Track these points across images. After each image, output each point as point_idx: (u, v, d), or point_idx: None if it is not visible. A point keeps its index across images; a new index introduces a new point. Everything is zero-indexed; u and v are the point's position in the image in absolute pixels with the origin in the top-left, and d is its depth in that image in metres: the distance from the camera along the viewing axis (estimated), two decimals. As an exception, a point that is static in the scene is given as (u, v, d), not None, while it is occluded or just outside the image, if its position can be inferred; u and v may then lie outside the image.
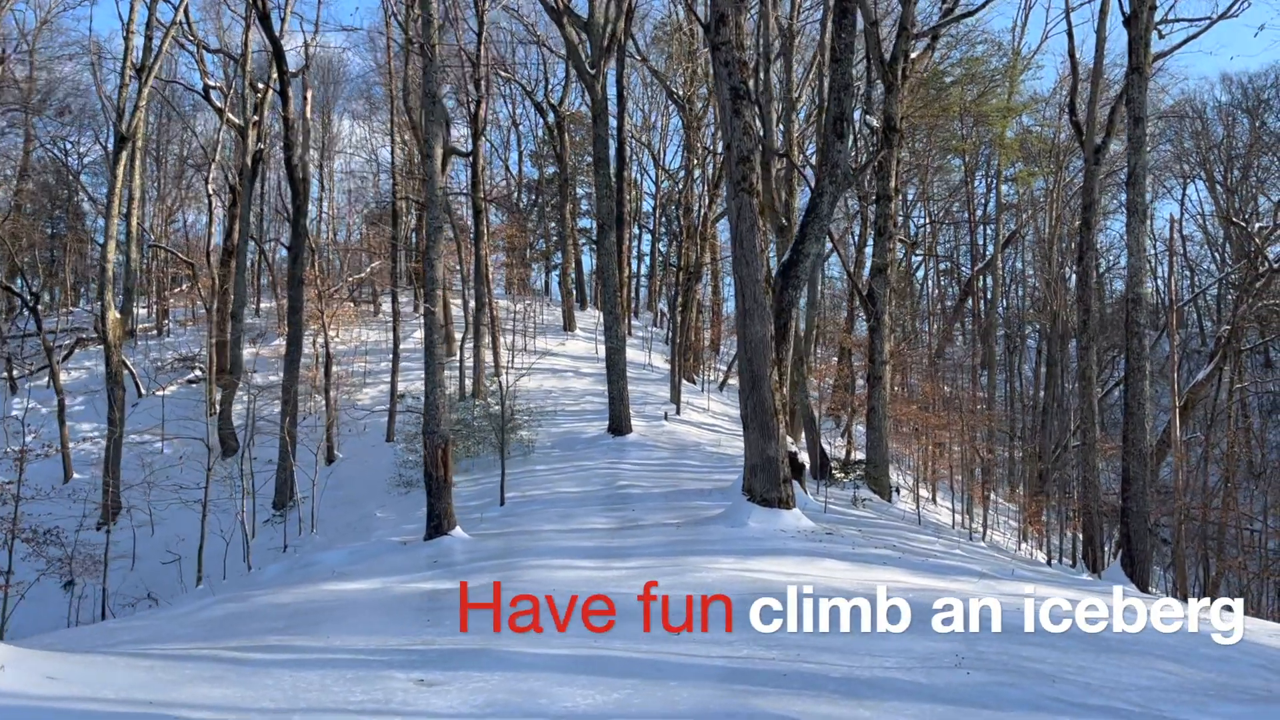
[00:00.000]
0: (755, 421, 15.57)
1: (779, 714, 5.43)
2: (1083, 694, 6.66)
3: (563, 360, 39.54)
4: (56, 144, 49.03)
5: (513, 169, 58.59)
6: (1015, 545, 27.39)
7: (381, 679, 5.94)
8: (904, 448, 33.65)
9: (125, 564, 26.44)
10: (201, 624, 8.78)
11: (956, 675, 6.87)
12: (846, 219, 45.27)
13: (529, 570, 11.19)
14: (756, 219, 15.68)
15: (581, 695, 5.71)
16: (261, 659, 6.46)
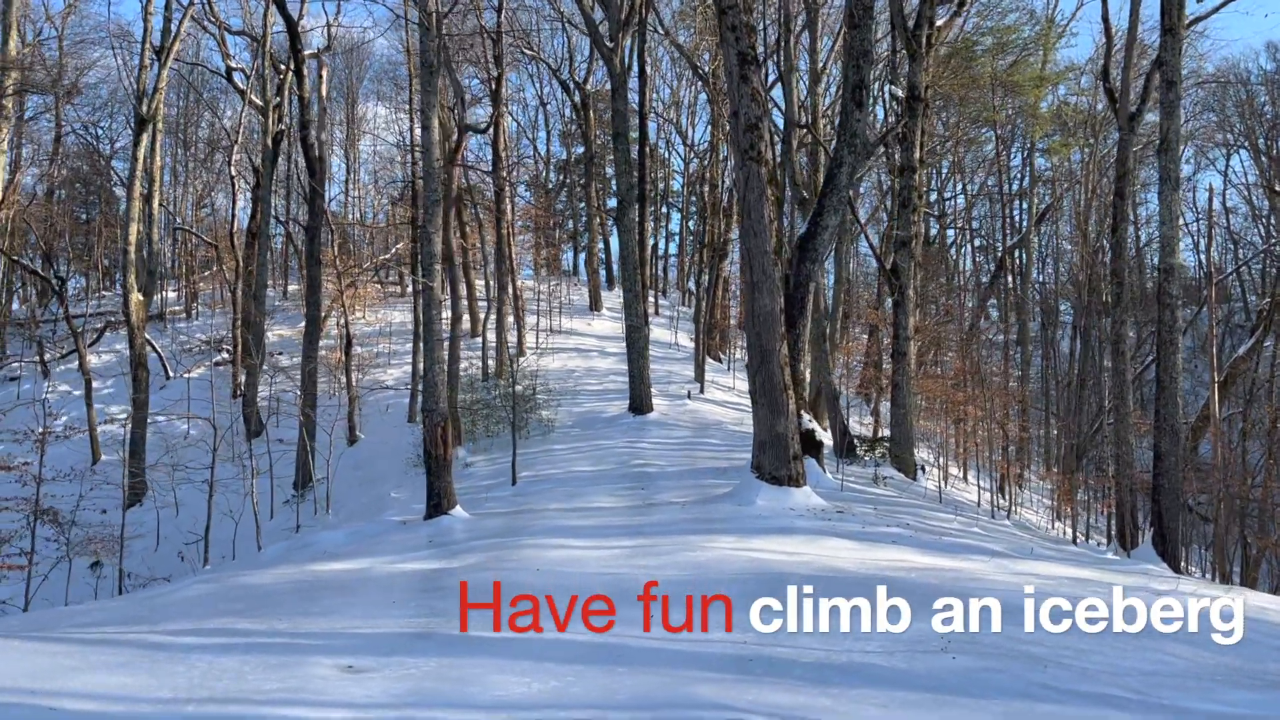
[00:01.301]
0: (764, 397, 15.13)
1: (723, 704, 5.05)
2: (1075, 680, 6.21)
3: (588, 340, 39.27)
4: (88, 129, 49.32)
5: (541, 149, 58.23)
6: (1048, 524, 26.77)
7: (306, 665, 5.64)
8: (935, 425, 33.05)
9: (150, 544, 26.59)
10: (166, 606, 8.56)
11: (940, 660, 6.46)
12: (879, 194, 44.53)
13: (521, 550, 10.89)
14: (765, 188, 15.19)
15: (517, 683, 5.37)
16: (189, 643, 6.19)
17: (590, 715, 4.86)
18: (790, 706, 5.12)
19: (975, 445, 28.75)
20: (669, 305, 48.94)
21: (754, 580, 9.28)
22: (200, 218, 50.99)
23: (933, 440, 32.45)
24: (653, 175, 53.66)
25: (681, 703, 5.07)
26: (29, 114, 44.91)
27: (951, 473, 29.70)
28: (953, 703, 5.46)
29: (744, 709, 4.98)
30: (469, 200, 37.75)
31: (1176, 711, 5.81)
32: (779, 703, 5.17)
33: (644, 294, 29.24)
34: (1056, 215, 44.39)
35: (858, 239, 40.31)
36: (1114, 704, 5.77)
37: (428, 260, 14.53)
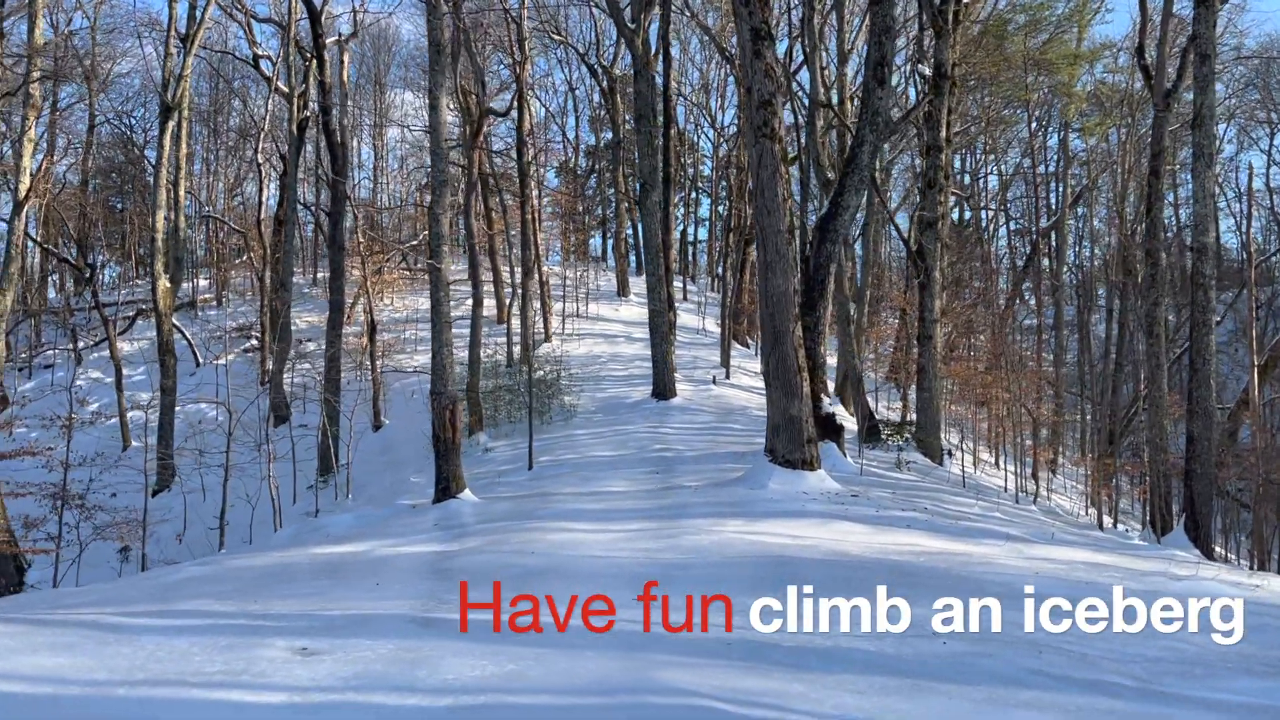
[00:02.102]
0: (778, 380, 14.85)
1: (686, 689, 4.83)
2: (1071, 666, 5.93)
3: (615, 325, 39.08)
4: (120, 119, 49.75)
5: (570, 135, 58.02)
6: (1082, 510, 26.25)
7: (259, 647, 5.49)
8: (966, 410, 32.56)
9: (177, 528, 26.79)
10: (153, 588, 8.49)
11: (931, 646, 6.20)
12: (912, 178, 43.89)
13: (523, 533, 10.73)
14: (779, 166, 14.87)
15: (473, 666, 5.18)
16: (147, 624, 6.07)
17: (538, 700, 4.67)
18: (759, 692, 4.88)
19: (1005, 430, 28.21)
20: (698, 291, 48.62)
21: (754, 564, 9.06)
22: (232, 206, 51.32)
23: (963, 425, 31.96)
24: (682, 160, 53.32)
25: (642, 687, 4.85)
26: (63, 104, 45.43)
27: (982, 458, 29.22)
28: (933, 689, 5.20)
29: (707, 694, 4.75)
30: (495, 186, 37.64)
31: (1175, 700, 5.52)
32: (748, 688, 4.94)
33: (669, 278, 28.96)
34: (1093, 197, 43.53)
35: (890, 222, 39.80)
36: (1108, 691, 5.48)
37: (435, 242, 14.38)
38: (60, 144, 45.50)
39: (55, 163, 46.52)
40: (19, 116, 28.34)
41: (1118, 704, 5.31)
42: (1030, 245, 43.04)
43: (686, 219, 58.59)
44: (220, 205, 51.86)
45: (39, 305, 44.50)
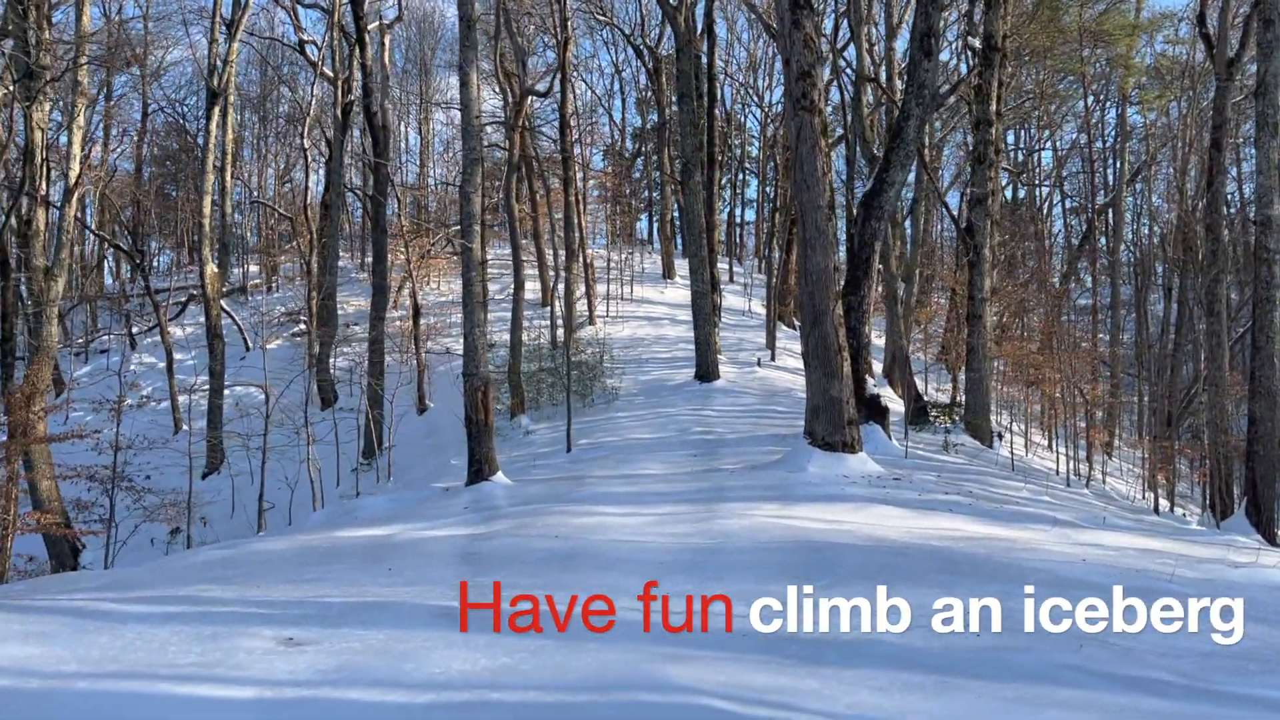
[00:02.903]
0: (817, 360, 14.46)
1: (687, 685, 4.53)
2: (1114, 661, 5.53)
3: (659, 308, 38.80)
4: (173, 107, 50.30)
5: (617, 117, 57.67)
6: (1139, 494, 25.50)
7: (243, 636, 5.29)
8: (1019, 392, 31.80)
9: (226, 511, 27.09)
10: (162, 572, 8.39)
11: (963, 639, 5.84)
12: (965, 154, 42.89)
13: (549, 517, 10.51)
14: (818, 140, 14.42)
15: (463, 659, 4.93)
16: (134, 611, 5.91)
17: (525, 698, 4.40)
18: (766, 689, 4.57)
19: (1058, 412, 27.48)
20: (744, 273, 48.15)
21: (784, 549, 8.75)
22: (282, 193, 51.72)
23: (1015, 407, 31.23)
24: (729, 140, 52.72)
25: (637, 684, 4.56)
26: (117, 92, 46.04)
27: (1034, 440, 28.52)
28: (961, 687, 4.85)
29: (708, 692, 4.44)
30: (539, 168, 37.44)
31: (1228, 699, 5.11)
32: (755, 684, 4.63)
33: (712, 260, 28.60)
34: (1152, 172, 42.26)
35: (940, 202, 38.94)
36: (1153, 689, 5.09)
37: (466, 221, 14.17)
38: (114, 132, 46.17)
39: (110, 151, 47.28)
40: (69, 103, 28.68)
41: (1163, 704, 4.92)
42: (1086, 223, 41.94)
43: (734, 201, 58.05)
44: (271, 192, 52.32)
45: (95, 291, 45.26)
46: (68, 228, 27.15)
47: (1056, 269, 42.23)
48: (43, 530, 20.32)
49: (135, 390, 32.83)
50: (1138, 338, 39.32)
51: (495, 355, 30.84)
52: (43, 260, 24.51)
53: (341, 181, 33.73)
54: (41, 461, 21.96)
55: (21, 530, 18.44)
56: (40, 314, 24.34)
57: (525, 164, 37.20)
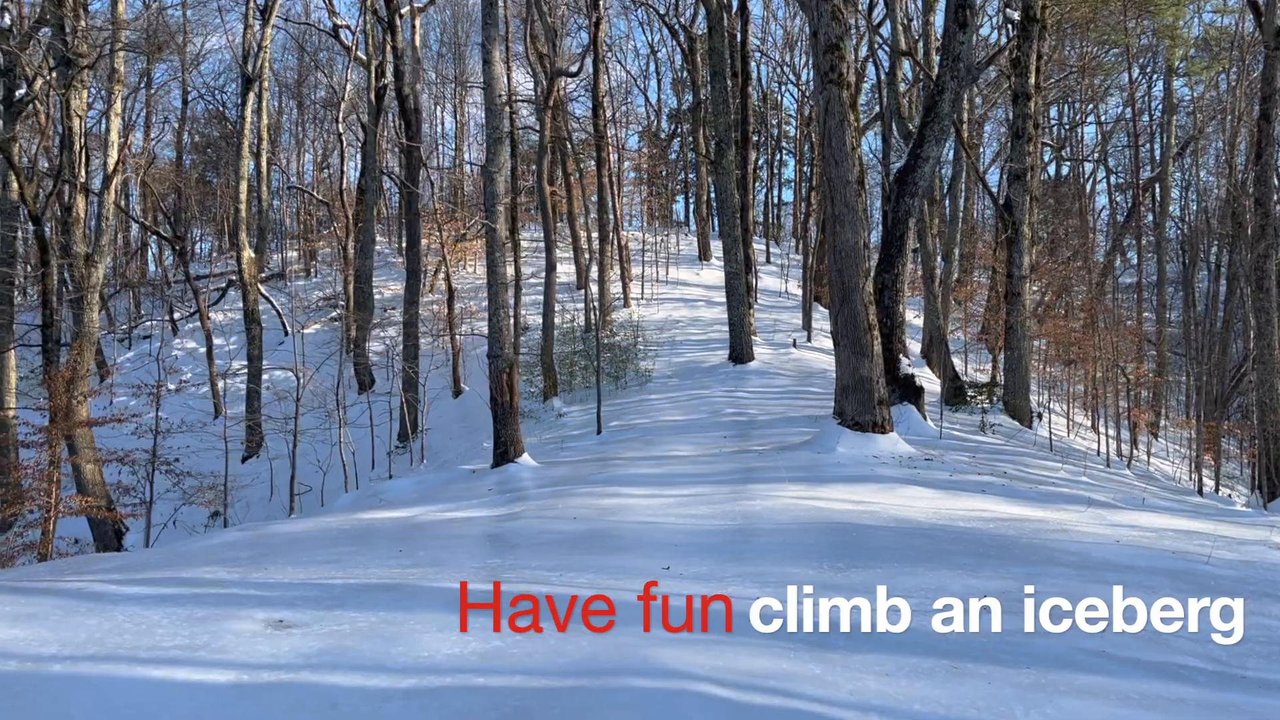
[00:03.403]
0: (846, 339, 14.18)
1: (679, 670, 4.35)
2: (1140, 646, 5.29)
3: (695, 290, 38.57)
4: (214, 94, 50.71)
5: (653, 98, 57.33)
6: (1185, 474, 24.94)
7: (234, 619, 5.19)
8: (1061, 372, 31.22)
9: (265, 494, 27.34)
10: (175, 554, 8.35)
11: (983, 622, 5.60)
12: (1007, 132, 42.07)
13: (572, 498, 10.38)
14: (847, 114, 14.11)
15: (453, 642, 4.79)
16: (129, 593, 5.83)
17: (509, 683, 4.24)
18: (765, 674, 4.38)
19: (1101, 391, 26.92)
20: (781, 254, 47.72)
21: (805, 530, 8.55)
22: (321, 178, 52.02)
23: (1057, 387, 30.68)
24: (765, 120, 52.22)
25: (630, 669, 4.38)
26: (158, 80, 46.51)
27: (1078, 421, 27.99)
28: (973, 672, 4.64)
29: (702, 677, 4.26)
30: (573, 150, 37.28)
31: (1258, 686, 4.85)
32: (754, 669, 4.43)
33: (746, 240, 28.34)
34: (1199, 146, 41.20)
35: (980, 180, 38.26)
36: (1179, 675, 4.84)
37: (490, 201, 14.04)
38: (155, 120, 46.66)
39: (151, 139, 47.80)
40: (106, 90, 28.94)
41: (1190, 690, 4.67)
42: (1131, 199, 40.98)
43: (771, 181, 57.56)
44: (309, 177, 52.63)
45: (138, 278, 45.85)
46: (107, 214, 27.42)
47: (1101, 246, 41.40)
48: (84, 513, 20.61)
49: (174, 375, 33.20)
50: (1185, 315, 38.43)
51: (529, 338, 30.87)
52: (83, 247, 24.75)
53: (376, 166, 33.78)
54: (85, 445, 22.21)
55: (64, 513, 18.70)
56: (82, 300, 24.60)
57: (559, 146, 37.08)
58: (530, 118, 38.83)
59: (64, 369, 21.06)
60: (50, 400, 19.63)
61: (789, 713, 3.99)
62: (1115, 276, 39.36)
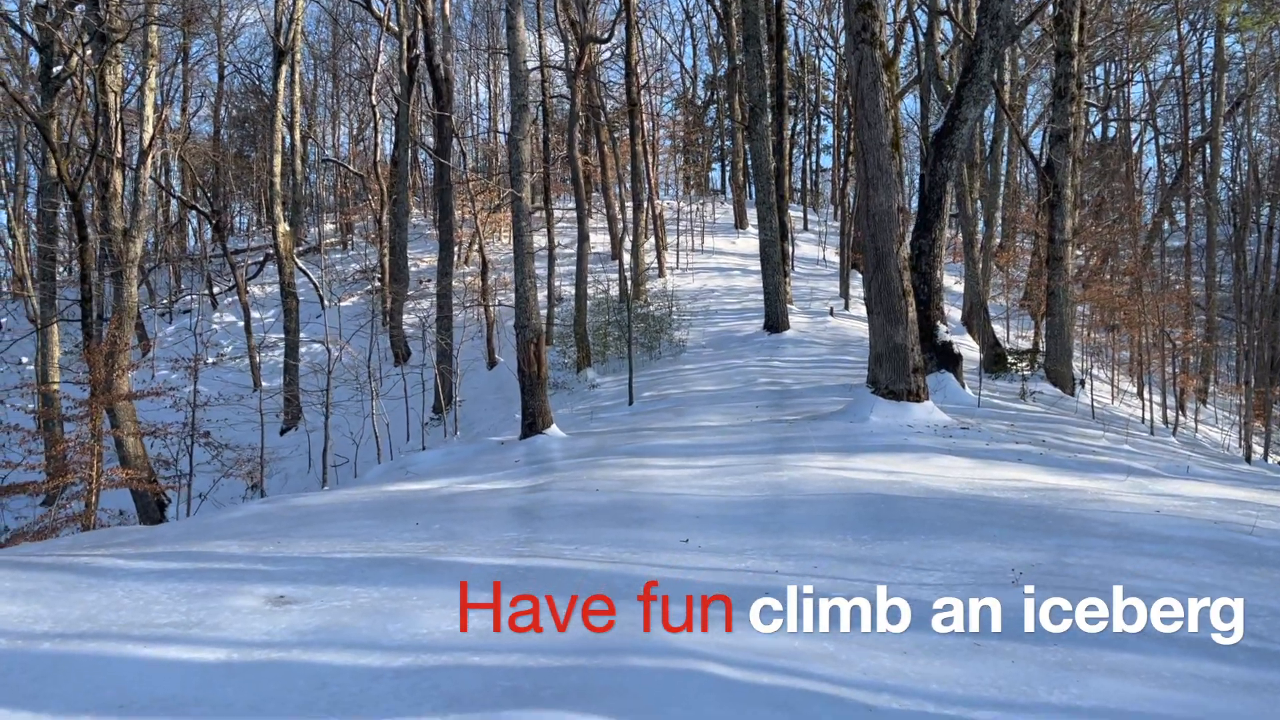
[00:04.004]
0: (880, 305, 13.86)
1: (683, 648, 4.15)
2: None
3: (730, 258, 38.20)
4: (250, 68, 50.84)
5: (688, 65, 56.66)
6: (1235, 442, 24.34)
7: (234, 595, 5.09)
8: (1106, 338, 30.59)
9: (303, 466, 27.53)
10: (200, 527, 8.31)
11: (1007, 595, 5.37)
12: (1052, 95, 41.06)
13: (595, 470, 10.23)
14: (880, 74, 13.71)
15: (453, 619, 4.63)
16: (133, 568, 5.76)
17: (506, 661, 4.08)
18: (775, 653, 4.18)
19: (1147, 357, 26.30)
20: (819, 221, 47.12)
21: (830, 501, 8.33)
22: (357, 151, 52.07)
23: (1102, 353, 30.05)
24: (803, 85, 51.46)
25: (630, 646, 4.19)
26: (194, 55, 46.68)
27: (1122, 388, 27.40)
28: (997, 649, 4.41)
29: (706, 655, 4.07)
30: (606, 119, 36.92)
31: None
32: (763, 647, 4.24)
33: (781, 207, 27.90)
34: (1250, 105, 39.97)
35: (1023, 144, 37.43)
36: (1216, 653, 4.58)
37: (515, 169, 13.83)
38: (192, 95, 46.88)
39: (189, 114, 48.07)
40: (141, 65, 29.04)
41: (1227, 669, 4.42)
42: (1180, 160, 39.92)
43: (809, 148, 56.78)
44: (345, 151, 52.69)
45: (178, 252, 46.27)
46: (143, 189, 27.57)
47: (1148, 209, 40.42)
48: (125, 486, 20.85)
49: (213, 349, 33.51)
50: (1235, 279, 37.47)
51: (562, 309, 30.73)
52: (120, 222, 24.91)
53: (409, 137, 33.68)
54: (126, 419, 22.44)
55: (106, 485, 18.91)
56: (120, 275, 24.77)
57: (593, 115, 36.74)
58: (563, 86, 38.52)
59: (103, 343, 21.24)
60: (90, 374, 19.80)
61: (796, 694, 3.80)
62: (1163, 239, 38.40)
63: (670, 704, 3.69)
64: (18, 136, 41.36)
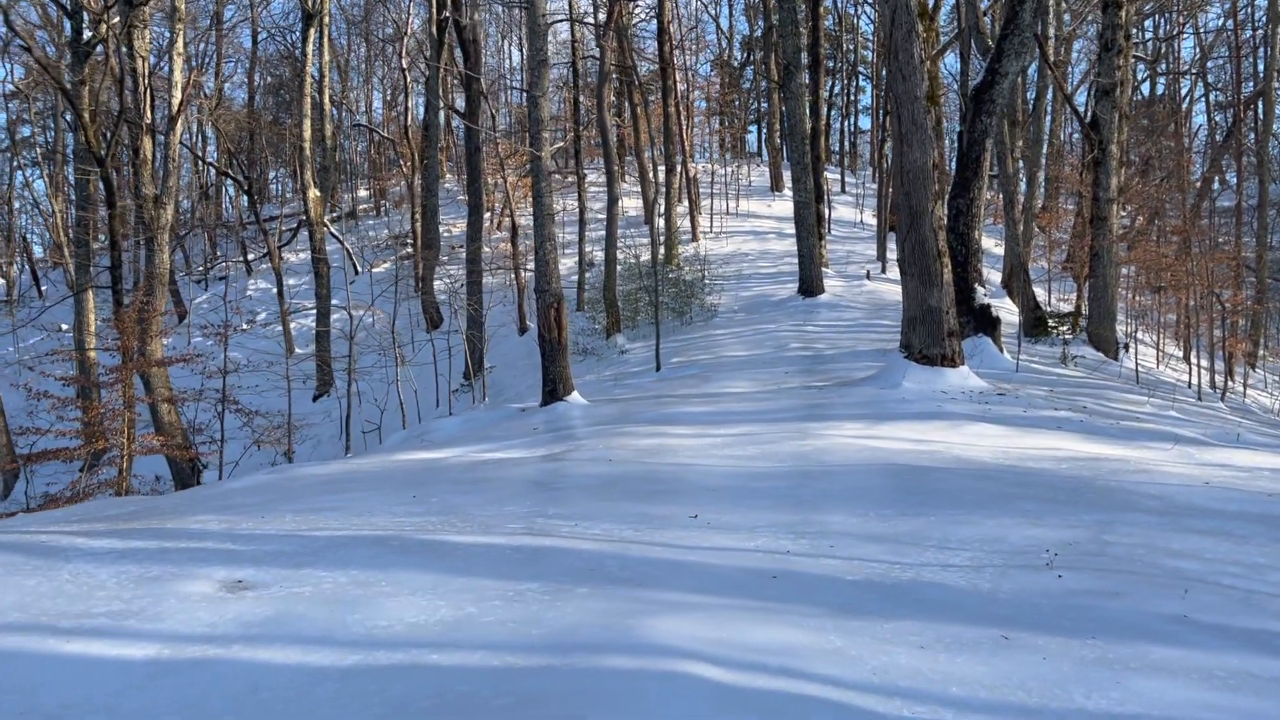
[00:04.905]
0: (914, 267, 13.31)
1: (670, 645, 3.72)
2: (1228, 610, 4.56)
3: (766, 222, 37.53)
4: (284, 35, 50.58)
5: (724, 25, 55.65)
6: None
7: (188, 579, 4.71)
8: (1152, 300, 29.66)
9: (335, 432, 27.48)
10: (191, 500, 8.04)
11: (1039, 580, 4.94)
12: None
13: (611, 439, 9.87)
14: (915, 22, 13.08)
15: (420, 608, 4.21)
16: (91, 546, 5.36)
17: (467, 660, 3.65)
18: (774, 649, 3.73)
19: (1194, 320, 25.43)
20: (857, 183, 46.19)
21: (854, 472, 7.90)
22: (391, 117, 51.75)
23: (1147, 316, 29.15)
24: (842, 44, 50.33)
25: (612, 644, 3.74)
26: (228, 20, 46.49)
27: (1168, 351, 26.57)
28: (1028, 644, 3.97)
29: (695, 653, 3.58)
30: (637, 80, 36.24)
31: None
32: (761, 642, 3.80)
33: (817, 168, 27.22)
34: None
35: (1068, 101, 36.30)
36: (1274, 648, 4.12)
37: (534, 128, 13.39)
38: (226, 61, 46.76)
39: (223, 80, 47.99)
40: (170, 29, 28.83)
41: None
42: (1231, 117, 38.55)
43: (848, 108, 55.63)
44: (379, 116, 52.39)
45: (213, 219, 46.34)
46: (173, 156, 27.44)
47: (1197, 168, 39.14)
48: (156, 452, 20.85)
49: (240, 315, 33.52)
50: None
51: (594, 274, 30.30)
52: (151, 188, 24.79)
53: (440, 101, 33.26)
54: (160, 385, 22.41)
55: (138, 451, 18.90)
56: (152, 241, 24.67)
57: (626, 77, 36.08)
58: (595, 46, 37.87)
59: (129, 310, 21.15)
60: (120, 340, 19.73)
61: (794, 700, 3.37)
62: (1213, 199, 37.20)
63: (643, 715, 3.29)
64: (55, 105, 41.52)
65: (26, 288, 43.77)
